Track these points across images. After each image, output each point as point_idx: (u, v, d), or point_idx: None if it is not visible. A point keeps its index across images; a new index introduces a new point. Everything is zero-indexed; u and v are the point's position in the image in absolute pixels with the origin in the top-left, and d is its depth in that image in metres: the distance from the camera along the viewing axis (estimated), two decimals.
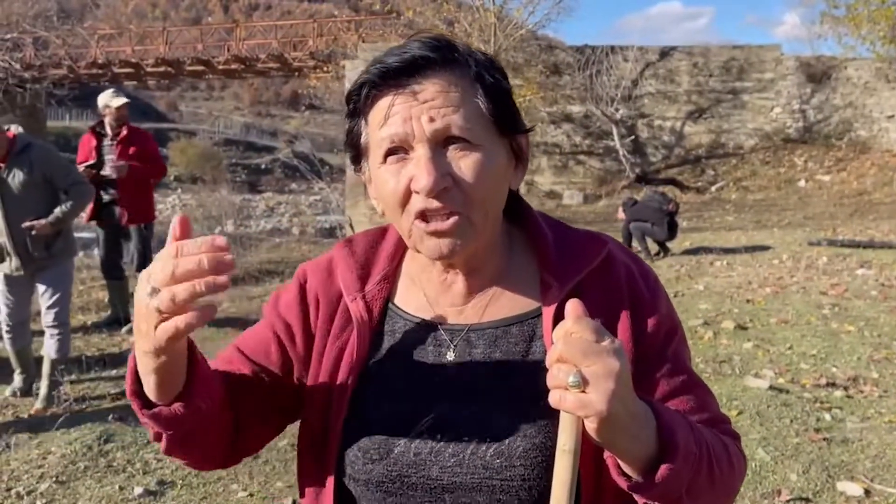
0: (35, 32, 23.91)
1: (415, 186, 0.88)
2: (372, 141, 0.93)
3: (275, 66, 27.65)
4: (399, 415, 0.95)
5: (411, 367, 0.97)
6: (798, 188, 19.37)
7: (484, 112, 0.90)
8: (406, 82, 0.88)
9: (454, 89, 0.89)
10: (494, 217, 0.95)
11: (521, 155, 0.98)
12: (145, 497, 3.19)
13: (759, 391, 4.27)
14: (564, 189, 21.37)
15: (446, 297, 1.00)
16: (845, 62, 20.63)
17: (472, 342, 0.97)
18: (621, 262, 0.99)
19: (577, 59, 21.42)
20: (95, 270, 8.86)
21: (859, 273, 7.81)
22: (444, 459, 0.91)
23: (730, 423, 1.01)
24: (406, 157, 0.89)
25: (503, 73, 0.95)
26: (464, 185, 0.88)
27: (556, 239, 1.00)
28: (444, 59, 0.89)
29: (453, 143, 0.88)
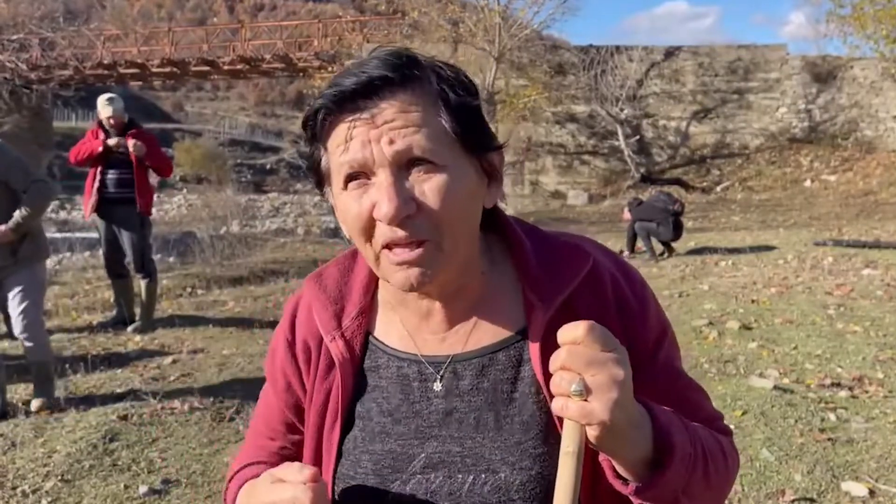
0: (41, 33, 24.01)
1: (377, 214, 0.83)
2: (332, 166, 0.88)
3: (280, 66, 27.69)
4: (390, 455, 0.92)
5: (398, 404, 0.94)
6: (803, 188, 19.32)
7: (448, 131, 0.85)
8: (363, 105, 0.83)
9: (415, 108, 0.83)
10: (467, 240, 0.89)
11: (494, 173, 0.92)
12: (150, 496, 3.20)
13: (763, 391, 4.26)
14: (569, 189, 21.35)
15: (427, 326, 0.96)
16: (851, 62, 20.57)
17: (459, 373, 0.93)
18: (606, 270, 0.96)
19: (582, 58, 21.41)
20: (101, 270, 8.90)
21: (865, 273, 7.78)
22: (440, 500, 0.89)
23: (722, 419, 1.01)
24: (367, 182, 0.85)
25: (470, 88, 0.89)
26: (429, 210, 0.83)
27: (536, 250, 0.96)
28: (404, 78, 0.84)
29: (416, 166, 0.83)
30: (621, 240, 10.72)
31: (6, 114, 21.91)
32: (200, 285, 8.57)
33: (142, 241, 6.13)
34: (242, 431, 3.89)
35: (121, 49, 29.01)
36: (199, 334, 6.02)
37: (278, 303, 7.16)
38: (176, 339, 5.87)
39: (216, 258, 10.57)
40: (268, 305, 7.13)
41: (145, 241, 6.21)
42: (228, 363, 5.18)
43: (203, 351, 5.52)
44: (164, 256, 11.67)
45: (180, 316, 6.69)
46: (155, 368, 5.06)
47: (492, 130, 0.92)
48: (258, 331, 6.10)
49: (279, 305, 6.98)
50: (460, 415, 0.92)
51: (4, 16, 25.35)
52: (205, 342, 5.77)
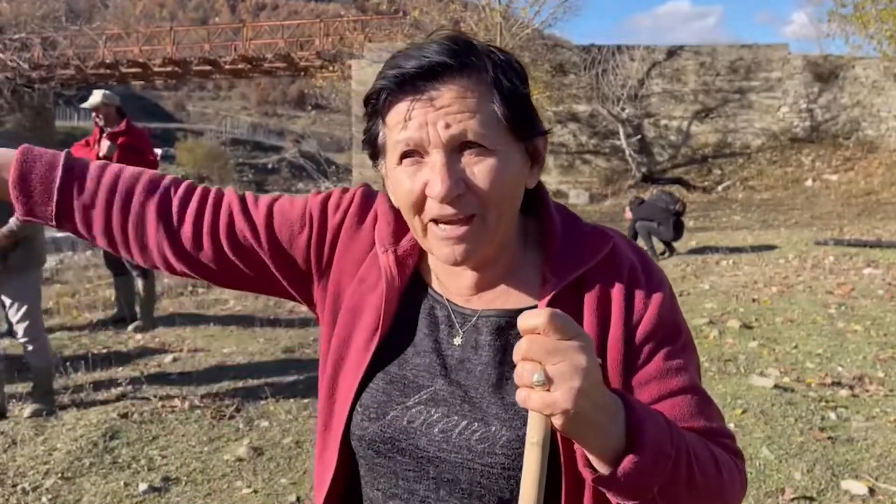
0: (43, 32, 24.04)
1: (429, 192, 0.89)
2: (389, 142, 0.93)
3: (281, 65, 27.70)
4: (403, 381, 0.98)
5: (422, 338, 1.00)
6: (805, 188, 19.31)
7: (500, 117, 0.90)
8: (423, 88, 0.88)
9: (470, 95, 0.89)
10: (509, 218, 0.96)
11: (538, 156, 0.98)
12: (150, 493, 3.20)
13: (763, 390, 4.26)
14: (571, 188, 21.34)
15: (455, 286, 1.02)
16: (853, 61, 20.54)
17: (479, 328, 0.99)
18: (626, 258, 0.99)
19: (584, 58, 21.40)
20: (102, 269, 8.90)
21: (866, 272, 7.78)
22: (432, 433, 0.94)
23: (732, 440, 0.96)
24: (421, 160, 0.90)
25: (522, 74, 0.95)
26: (478, 190, 0.89)
27: (565, 234, 1.00)
28: (462, 65, 0.89)
29: (468, 149, 0.89)
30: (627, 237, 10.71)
31: (8, 113, 21.94)
32: (201, 284, 8.57)
33: None
34: (242, 430, 3.90)
35: (123, 48, 29.03)
36: (200, 333, 6.03)
37: (279, 302, 7.16)
38: (177, 337, 5.88)
39: None
40: (268, 304, 7.14)
41: None
42: (229, 362, 5.18)
43: (203, 349, 5.52)
44: None
45: (181, 314, 6.70)
46: (155, 366, 5.06)
47: (538, 115, 0.97)
48: (259, 329, 6.11)
49: (279, 304, 6.98)
50: (471, 364, 0.97)
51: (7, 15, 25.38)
52: (205, 341, 5.78)
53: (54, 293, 7.80)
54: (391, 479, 0.97)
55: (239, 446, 3.66)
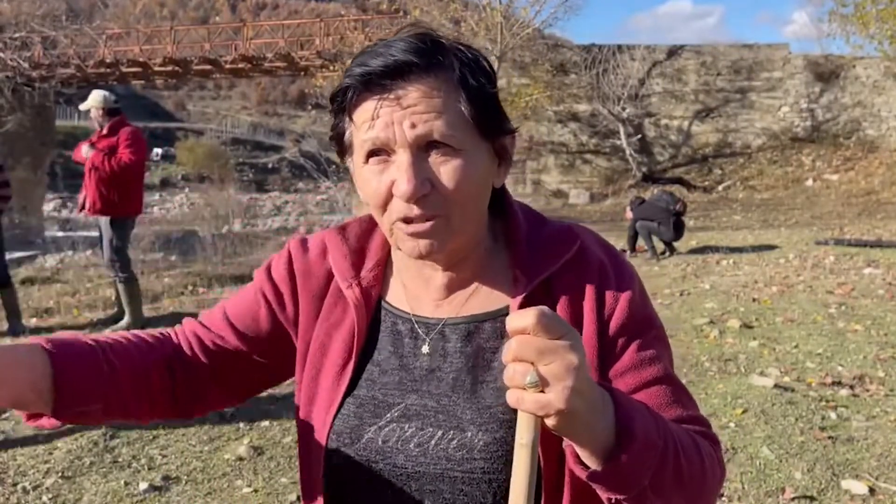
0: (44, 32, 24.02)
1: (395, 192, 0.89)
2: (356, 140, 0.93)
3: (282, 65, 27.66)
4: (372, 402, 0.98)
5: (387, 356, 1.00)
6: (805, 187, 19.31)
7: (466, 117, 0.90)
8: (390, 86, 0.88)
9: (437, 94, 0.88)
10: (475, 217, 0.96)
11: (505, 155, 0.98)
12: (150, 492, 3.20)
13: (764, 389, 4.26)
14: (571, 188, 21.34)
15: (426, 292, 1.02)
16: (854, 61, 20.55)
17: (447, 336, 0.99)
18: (595, 255, 0.99)
19: (584, 57, 21.39)
20: (102, 268, 8.91)
21: (866, 272, 7.78)
22: (409, 449, 0.94)
23: (709, 427, 0.97)
24: (388, 159, 0.90)
25: (490, 73, 0.94)
26: (443, 190, 0.89)
27: (531, 234, 1.01)
28: (429, 64, 0.89)
29: (435, 149, 0.89)
30: (623, 238, 10.71)
31: (8, 112, 21.91)
32: (202, 283, 8.58)
33: (112, 242, 6.00)
34: (243, 429, 3.90)
35: (123, 48, 29.00)
36: None
37: None
38: None
39: (218, 256, 10.60)
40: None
41: (114, 243, 6.01)
42: None
43: None
44: (166, 255, 11.69)
45: (181, 314, 6.69)
46: None
47: (506, 114, 0.97)
48: None
49: None
50: (441, 374, 0.97)
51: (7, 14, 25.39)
52: None
53: (55, 292, 7.80)
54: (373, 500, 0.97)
55: (239, 445, 3.66)
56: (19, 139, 22.27)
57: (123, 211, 6.02)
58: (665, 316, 6.22)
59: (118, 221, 6.02)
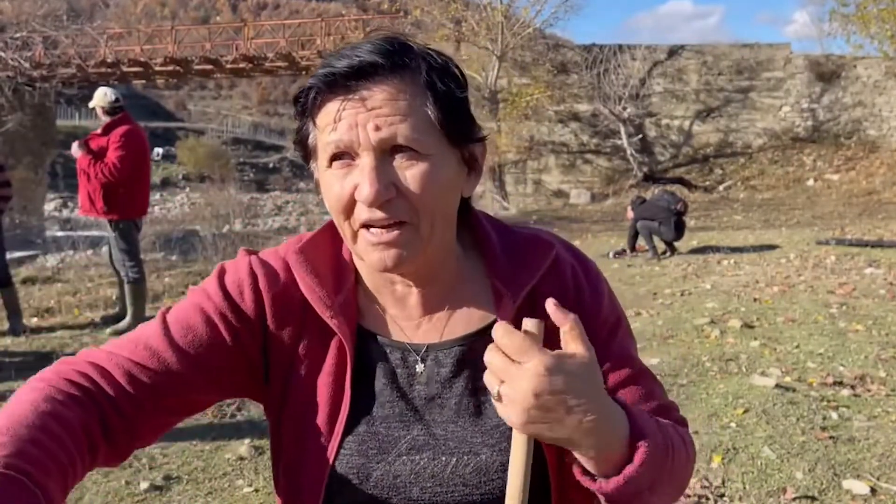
0: (45, 31, 24.03)
1: (358, 196, 0.86)
2: (319, 144, 0.90)
3: (283, 65, 27.66)
4: (375, 438, 0.93)
5: (382, 388, 0.96)
6: (806, 187, 19.30)
7: (433, 121, 0.87)
8: (354, 87, 0.85)
9: (402, 97, 0.86)
10: (443, 227, 0.92)
11: (474, 164, 0.95)
12: (151, 492, 3.20)
13: (765, 389, 4.25)
14: (572, 188, 21.34)
15: (403, 312, 0.98)
16: (855, 61, 20.54)
17: (440, 361, 0.96)
18: (567, 262, 1.00)
19: (585, 57, 21.38)
20: (104, 268, 8.90)
21: (867, 272, 7.77)
22: (423, 480, 0.91)
23: (677, 410, 1.01)
24: (352, 162, 0.87)
25: (459, 79, 0.91)
26: (409, 195, 0.86)
27: (502, 242, 0.99)
28: (395, 66, 0.86)
29: (400, 152, 0.86)
30: (624, 238, 10.71)
31: (9, 112, 21.92)
32: None
33: (116, 243, 5.98)
34: (244, 428, 3.90)
35: (124, 47, 29.02)
36: None
37: None
38: None
39: (219, 256, 10.59)
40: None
41: (119, 244, 5.98)
42: None
43: None
44: (166, 254, 11.70)
45: None
46: None
47: (476, 121, 0.94)
48: None
49: None
50: (442, 401, 0.95)
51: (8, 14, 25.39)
52: None
53: (55, 292, 7.80)
54: None
55: (240, 445, 3.66)
56: (20, 139, 22.28)
57: (124, 214, 5.93)
58: (666, 316, 6.22)
59: (120, 224, 5.95)
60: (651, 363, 4.78)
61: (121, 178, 5.83)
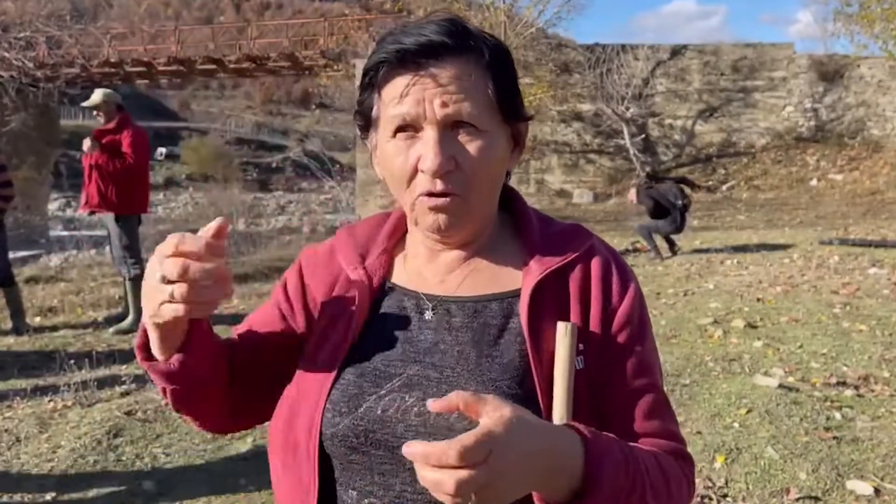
0: (48, 31, 24.02)
1: (421, 166, 0.92)
2: (383, 116, 0.96)
3: (286, 64, 27.68)
4: (374, 372, 0.97)
5: (392, 330, 1.00)
6: (810, 187, 19.27)
7: (492, 100, 0.94)
8: (423, 64, 0.91)
9: (467, 77, 0.92)
10: (490, 199, 1.00)
11: (520, 139, 1.02)
12: (154, 491, 3.21)
13: (768, 389, 4.25)
14: (574, 188, 21.33)
15: (432, 267, 1.04)
16: (858, 61, 20.49)
17: (452, 311, 1.00)
18: (602, 255, 1.02)
19: (588, 57, 21.37)
20: (107, 267, 8.92)
21: (871, 272, 7.76)
22: (409, 418, 0.91)
23: (684, 444, 1.00)
24: (415, 135, 0.93)
25: (512, 60, 0.99)
26: (467, 168, 0.92)
27: (543, 229, 1.05)
28: (461, 47, 0.92)
29: (461, 127, 0.92)
30: (626, 238, 10.70)
31: (13, 112, 21.95)
32: None
33: (121, 240, 5.99)
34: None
35: (127, 47, 29.07)
36: None
37: None
38: None
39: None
40: None
41: (122, 239, 6.00)
42: None
43: None
44: None
45: None
46: None
47: (523, 101, 1.01)
48: None
49: None
50: (446, 346, 0.97)
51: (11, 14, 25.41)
52: None
53: (59, 291, 7.82)
54: (366, 476, 0.94)
55: (243, 445, 3.66)
56: (24, 139, 22.31)
57: (128, 209, 6.00)
58: (669, 316, 6.21)
59: (123, 219, 6.01)
60: None
61: (136, 176, 5.98)
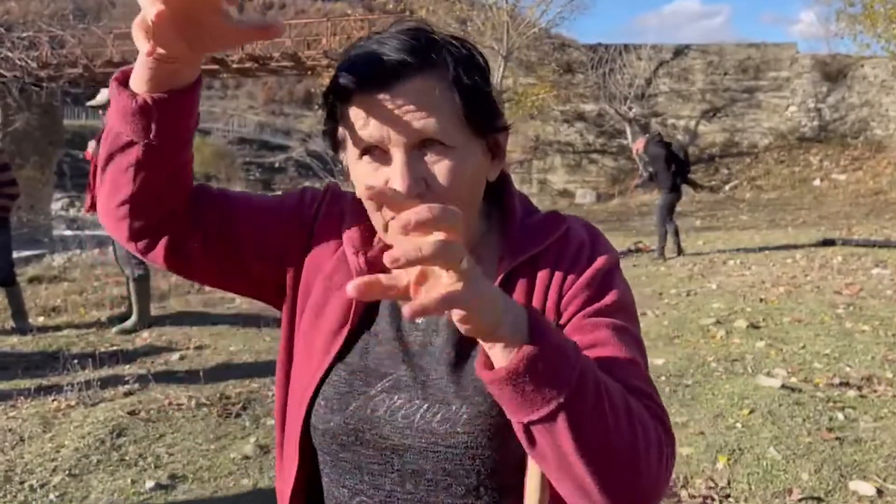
0: (51, 31, 24.09)
1: None
2: (349, 138, 0.93)
3: (289, 64, 27.68)
4: (364, 370, 0.97)
5: (386, 328, 1.00)
6: (813, 187, 19.23)
7: (460, 115, 0.90)
8: (383, 84, 0.88)
9: (431, 93, 0.88)
10: (467, 211, 0.93)
11: (498, 150, 0.99)
12: (156, 490, 3.21)
13: (771, 390, 4.24)
14: (577, 188, 21.32)
15: None
16: (861, 60, 20.45)
17: None
18: (577, 237, 0.99)
19: (591, 57, 21.37)
20: (110, 267, 8.93)
21: (874, 272, 7.75)
22: (396, 420, 0.93)
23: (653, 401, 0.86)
24: (383, 156, 0.90)
25: (483, 70, 0.95)
26: (437, 189, 0.89)
27: (524, 218, 1.02)
28: (422, 63, 0.88)
29: (429, 146, 0.89)
30: (630, 237, 10.69)
31: (16, 111, 22.00)
32: None
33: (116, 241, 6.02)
34: (249, 427, 3.91)
35: (130, 47, 29.01)
36: (207, 331, 6.04)
37: None
38: (183, 335, 5.89)
39: None
40: None
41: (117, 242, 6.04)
42: (235, 360, 5.19)
43: (210, 347, 5.54)
44: None
45: (188, 312, 6.71)
46: (162, 364, 5.08)
47: (499, 110, 0.98)
48: (265, 328, 6.11)
49: None
50: (433, 348, 0.97)
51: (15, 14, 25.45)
52: (211, 339, 5.79)
53: (62, 291, 7.83)
54: (356, 475, 0.95)
55: (245, 444, 3.66)
56: (27, 138, 22.35)
57: None
58: (672, 316, 6.20)
59: None
60: (657, 363, 4.77)
61: None
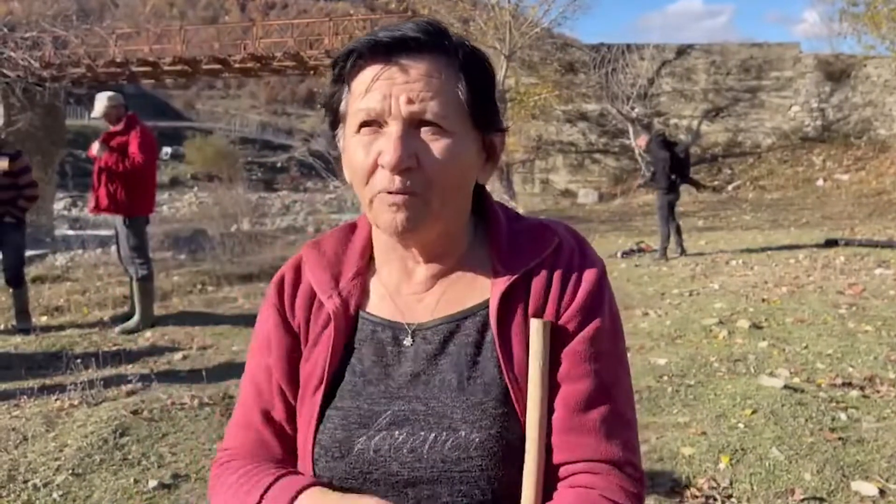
0: (54, 31, 24.08)
1: (381, 161, 0.90)
2: (350, 110, 0.94)
3: (291, 64, 27.69)
4: (357, 412, 0.96)
5: (371, 366, 0.99)
6: (816, 187, 19.20)
7: (462, 103, 0.92)
8: (393, 59, 0.90)
9: (437, 75, 0.90)
10: (455, 206, 0.97)
11: (493, 152, 1.00)
12: (160, 490, 3.21)
13: (773, 390, 4.23)
14: (580, 188, 21.30)
15: (407, 286, 1.02)
16: (865, 60, 20.41)
17: (428, 338, 0.98)
18: (568, 247, 1.00)
19: (593, 57, 21.33)
20: (113, 267, 8.94)
21: (877, 273, 7.73)
22: (402, 455, 0.92)
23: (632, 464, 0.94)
24: (379, 131, 0.91)
25: (489, 70, 0.97)
26: (428, 167, 0.90)
27: (510, 230, 1.02)
28: (434, 45, 0.91)
29: (426, 126, 0.90)
30: (631, 238, 10.69)
31: (19, 111, 22.01)
32: (211, 282, 8.61)
33: (129, 241, 6.00)
34: None
35: (133, 47, 29.10)
36: (209, 330, 6.04)
37: None
38: (186, 335, 5.90)
39: (226, 255, 10.63)
40: None
41: (130, 241, 6.01)
42: (238, 359, 5.20)
43: (212, 347, 5.54)
44: (175, 253, 11.73)
45: (190, 312, 6.72)
46: (165, 364, 5.08)
47: (500, 113, 0.99)
48: None
49: None
50: (427, 377, 0.96)
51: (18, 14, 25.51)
52: (214, 338, 5.80)
53: (65, 291, 7.84)
54: None
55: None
56: (30, 138, 22.35)
57: (137, 210, 6.02)
58: (674, 316, 6.20)
59: (132, 220, 6.02)
60: (659, 363, 4.77)
61: (144, 176, 5.98)
